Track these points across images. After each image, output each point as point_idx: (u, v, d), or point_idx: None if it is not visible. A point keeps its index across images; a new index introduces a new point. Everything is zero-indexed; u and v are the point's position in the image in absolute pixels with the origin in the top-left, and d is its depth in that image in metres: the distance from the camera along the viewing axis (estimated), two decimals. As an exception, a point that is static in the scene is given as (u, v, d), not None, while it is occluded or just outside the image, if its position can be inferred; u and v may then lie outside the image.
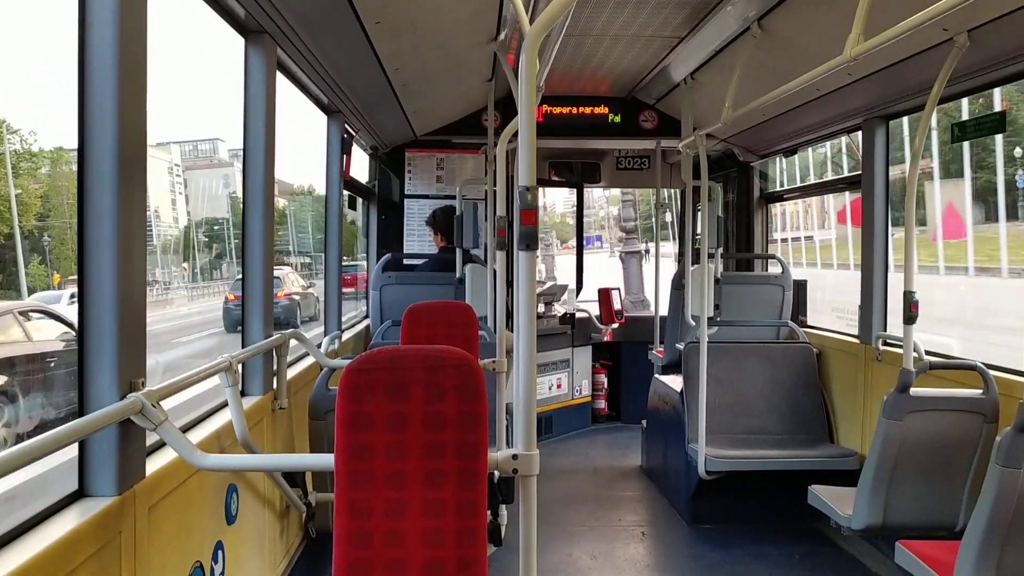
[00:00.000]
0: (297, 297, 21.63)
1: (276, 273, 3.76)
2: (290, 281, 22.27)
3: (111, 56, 2.05)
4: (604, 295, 7.90)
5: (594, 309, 8.07)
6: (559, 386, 7.63)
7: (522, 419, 2.11)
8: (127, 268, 2.12)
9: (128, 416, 2.10)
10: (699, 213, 6.79)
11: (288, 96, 4.12)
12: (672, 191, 9.09)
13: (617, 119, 6.92)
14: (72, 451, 2.00)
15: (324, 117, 5.23)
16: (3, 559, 1.71)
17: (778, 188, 7.49)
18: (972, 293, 15.57)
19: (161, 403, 2.25)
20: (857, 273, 4.97)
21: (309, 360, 4.47)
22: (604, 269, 15.62)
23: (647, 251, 13.05)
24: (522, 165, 2.04)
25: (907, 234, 3.69)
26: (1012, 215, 14.27)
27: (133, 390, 2.15)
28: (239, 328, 3.43)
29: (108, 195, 2.07)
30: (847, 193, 11.05)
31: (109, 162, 2.06)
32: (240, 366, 3.18)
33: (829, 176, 14.84)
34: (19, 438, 7.13)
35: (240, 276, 3.71)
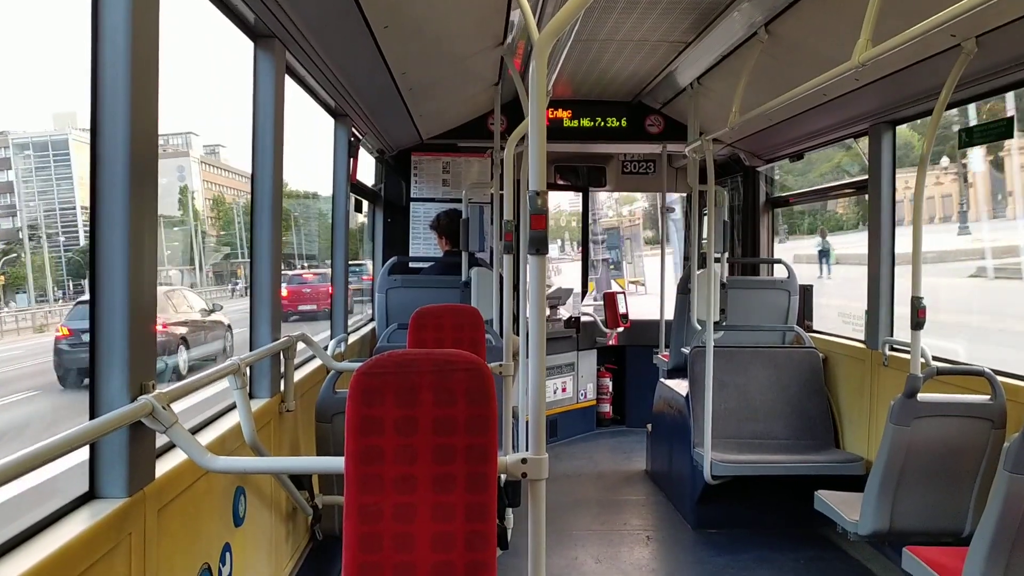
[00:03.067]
0: (182, 331, 13.82)
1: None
2: (176, 305, 14.47)
3: (123, 64, 2.06)
4: (609, 299, 7.90)
5: (599, 313, 8.08)
6: (564, 390, 7.63)
7: (532, 423, 2.11)
8: (138, 272, 2.13)
9: (139, 418, 2.11)
10: (705, 217, 6.79)
11: (293, 99, 4.13)
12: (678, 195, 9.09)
13: (623, 123, 6.93)
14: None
15: (331, 120, 5.25)
16: (15, 561, 1.72)
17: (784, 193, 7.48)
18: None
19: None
20: None
21: (315, 363, 4.48)
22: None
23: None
24: (532, 170, 2.04)
25: (915, 239, 3.69)
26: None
27: (144, 392, 2.16)
28: (85, 381, 2.31)
29: (120, 200, 2.08)
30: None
31: (121, 168, 2.07)
32: (248, 368, 3.19)
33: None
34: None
35: (85, 298, 3.49)
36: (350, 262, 5.48)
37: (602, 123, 6.93)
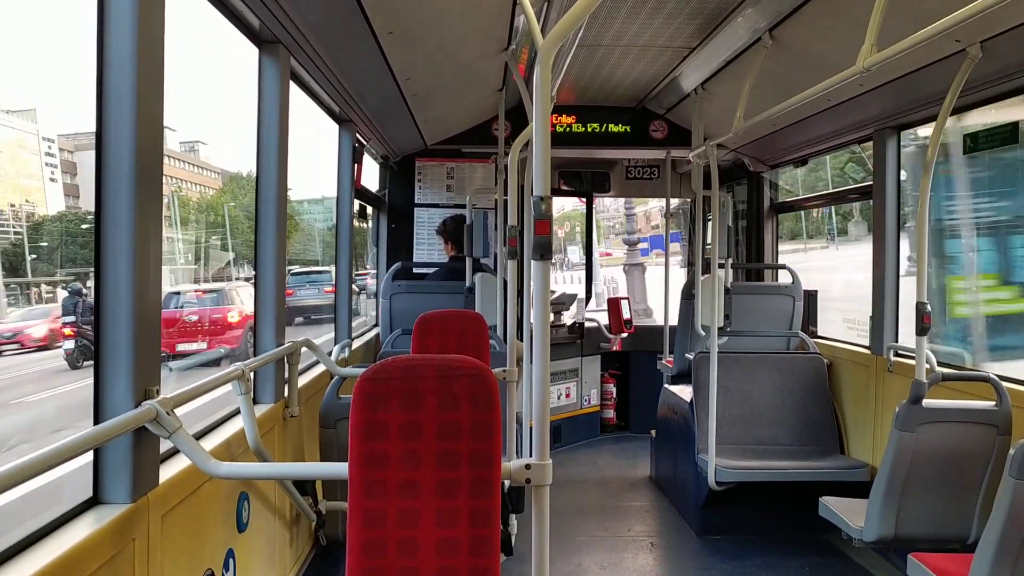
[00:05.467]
0: None
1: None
2: None
3: (129, 67, 2.07)
4: (613, 304, 7.89)
5: (603, 318, 8.07)
6: (568, 396, 7.62)
7: (536, 429, 2.11)
8: (143, 277, 2.13)
9: (143, 424, 2.11)
10: (709, 223, 6.79)
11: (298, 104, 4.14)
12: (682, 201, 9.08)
13: (627, 129, 6.94)
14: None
15: (335, 126, 5.27)
16: (19, 566, 1.72)
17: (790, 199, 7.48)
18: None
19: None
20: None
21: (319, 368, 4.48)
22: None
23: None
24: (536, 175, 2.04)
25: (919, 245, 3.68)
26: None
27: (148, 397, 2.16)
28: None
29: (125, 204, 2.08)
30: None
31: (126, 174, 2.08)
32: (252, 374, 3.20)
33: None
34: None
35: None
36: (314, 268, 5.46)
37: (606, 128, 6.93)
